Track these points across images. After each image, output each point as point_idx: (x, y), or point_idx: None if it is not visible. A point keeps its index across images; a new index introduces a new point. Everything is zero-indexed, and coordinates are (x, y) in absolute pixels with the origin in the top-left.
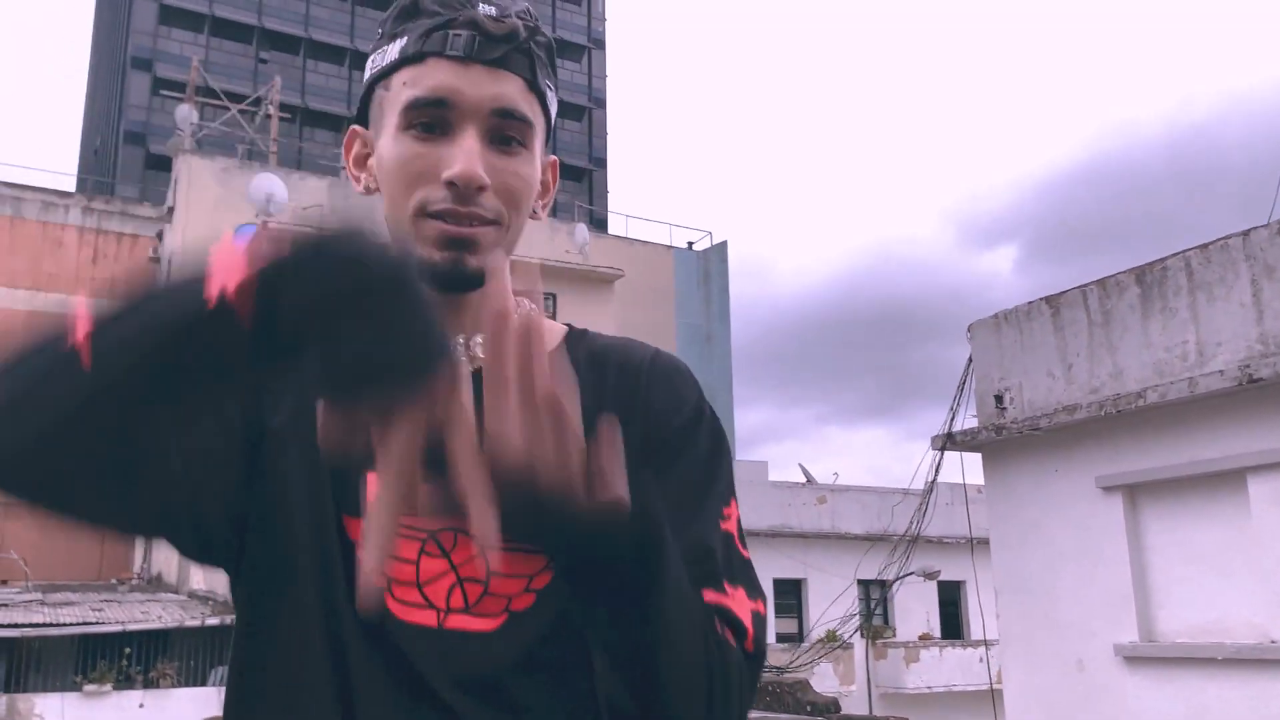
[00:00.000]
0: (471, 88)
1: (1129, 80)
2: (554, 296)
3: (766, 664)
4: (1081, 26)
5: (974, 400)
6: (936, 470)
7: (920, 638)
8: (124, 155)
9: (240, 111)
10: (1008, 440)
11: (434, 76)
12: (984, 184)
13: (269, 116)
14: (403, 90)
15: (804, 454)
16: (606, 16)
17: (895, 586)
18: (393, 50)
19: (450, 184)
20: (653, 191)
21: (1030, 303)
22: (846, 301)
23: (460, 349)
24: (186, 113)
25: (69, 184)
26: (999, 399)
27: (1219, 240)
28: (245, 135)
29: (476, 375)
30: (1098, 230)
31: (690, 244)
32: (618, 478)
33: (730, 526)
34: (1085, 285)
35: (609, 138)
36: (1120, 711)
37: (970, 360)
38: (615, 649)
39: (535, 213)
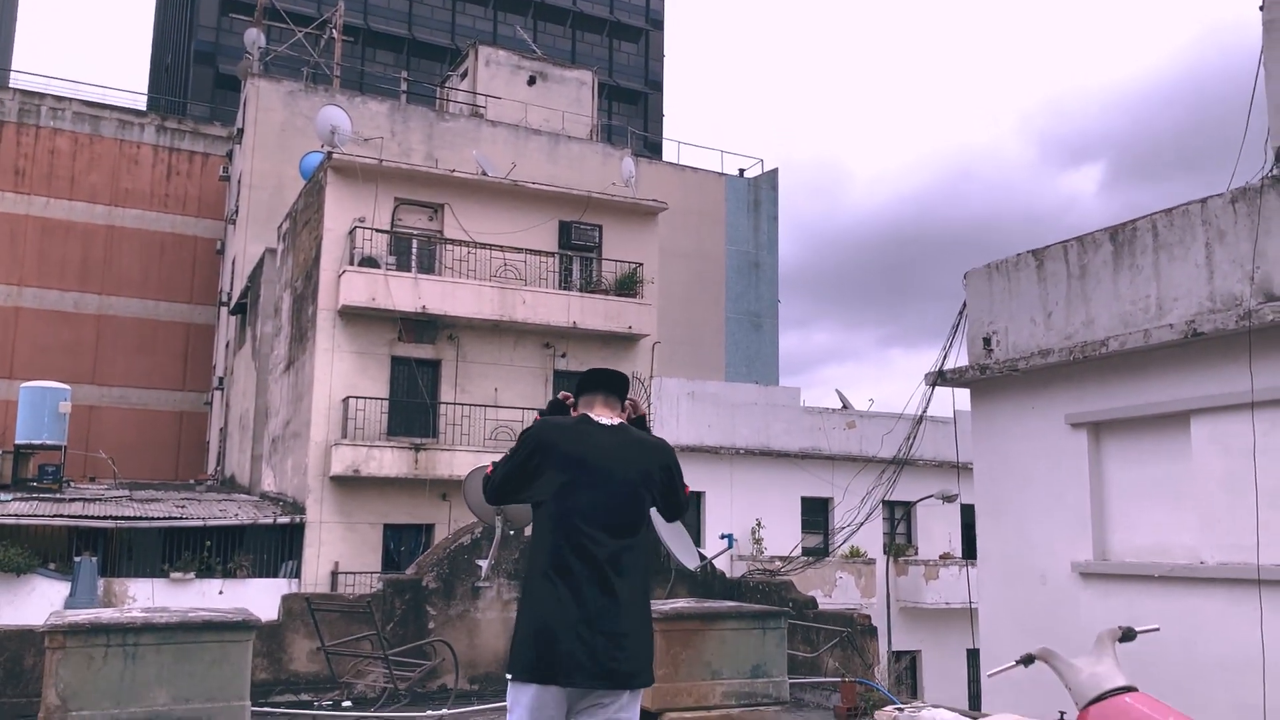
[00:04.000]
0: None
1: None
2: (600, 227)
3: (760, 567)
4: None
5: (965, 341)
6: (927, 403)
7: (940, 557)
8: (194, 74)
9: (305, 35)
10: (992, 379)
11: None
12: (1070, 97)
13: (333, 39)
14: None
15: (865, 376)
16: None
17: (867, 512)
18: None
19: None
20: (714, 112)
21: (1019, 255)
22: (920, 219)
23: None
24: (254, 36)
25: (140, 103)
26: (987, 341)
27: (1181, 205)
28: (310, 58)
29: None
30: (1192, 148)
31: (742, 171)
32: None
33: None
34: (1066, 241)
35: (665, 60)
36: (1074, 620)
37: (964, 304)
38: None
39: None
